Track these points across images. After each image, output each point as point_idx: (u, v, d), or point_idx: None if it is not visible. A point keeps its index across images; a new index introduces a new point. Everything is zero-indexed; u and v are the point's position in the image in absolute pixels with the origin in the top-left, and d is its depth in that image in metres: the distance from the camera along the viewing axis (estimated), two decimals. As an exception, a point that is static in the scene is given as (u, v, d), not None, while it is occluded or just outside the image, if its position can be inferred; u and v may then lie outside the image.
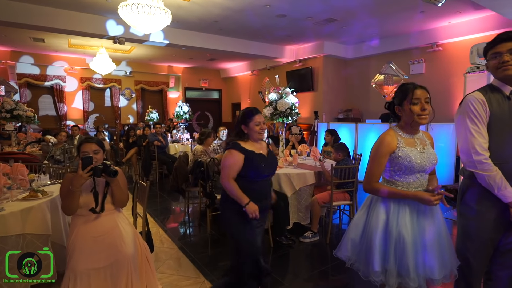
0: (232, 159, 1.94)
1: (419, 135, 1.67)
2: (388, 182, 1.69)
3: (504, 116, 1.61)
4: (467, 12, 5.63)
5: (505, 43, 1.59)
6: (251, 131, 2.01)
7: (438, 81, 6.64)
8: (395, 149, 1.61)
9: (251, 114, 2.01)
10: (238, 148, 1.96)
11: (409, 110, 1.59)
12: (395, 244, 1.57)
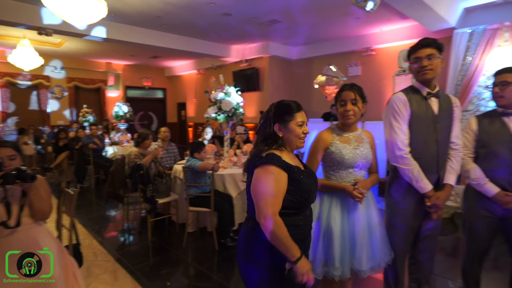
0: (274, 181, 1.25)
1: (356, 133, 1.76)
2: (325, 177, 1.76)
3: (422, 114, 1.76)
4: (395, 21, 6.17)
5: (424, 49, 1.73)
6: (290, 134, 1.35)
7: (372, 82, 7.18)
8: (329, 145, 1.70)
9: (291, 110, 1.36)
10: (278, 163, 1.27)
11: (340, 111, 1.71)
12: (323, 235, 1.64)
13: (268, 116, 1.37)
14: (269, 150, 1.32)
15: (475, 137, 1.92)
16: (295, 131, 1.35)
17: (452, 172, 1.81)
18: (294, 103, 1.39)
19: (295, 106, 1.38)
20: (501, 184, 1.82)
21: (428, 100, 1.78)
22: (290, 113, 1.35)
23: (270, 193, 1.24)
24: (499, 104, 1.86)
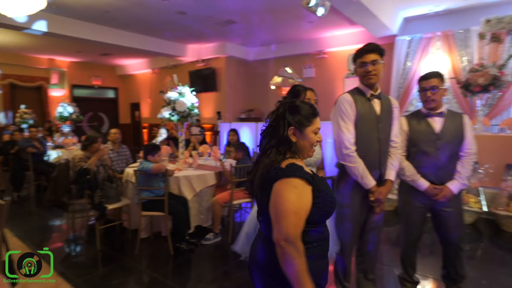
0: (298, 197, 1.08)
1: None
2: None
3: (366, 115, 1.88)
4: (345, 26, 6.52)
5: (369, 54, 1.85)
6: (305, 141, 1.19)
7: (325, 84, 7.50)
8: None
9: (311, 114, 1.21)
10: (302, 175, 1.11)
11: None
12: None
13: (282, 116, 1.18)
14: (286, 159, 1.15)
15: (407, 136, 2.11)
16: (311, 139, 1.20)
17: (392, 169, 1.96)
18: (312, 107, 1.23)
19: (314, 110, 1.22)
20: (429, 179, 2.04)
21: (371, 102, 1.91)
22: (310, 117, 1.20)
23: (293, 211, 1.05)
24: (429, 106, 2.05)
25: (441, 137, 2.03)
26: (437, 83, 2.01)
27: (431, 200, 2.05)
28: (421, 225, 2.17)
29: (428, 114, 2.08)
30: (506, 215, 3.45)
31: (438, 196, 2.01)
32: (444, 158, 2.03)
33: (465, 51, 5.46)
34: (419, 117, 2.11)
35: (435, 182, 2.03)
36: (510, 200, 3.50)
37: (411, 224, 2.16)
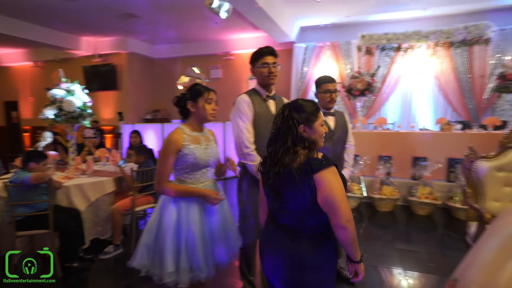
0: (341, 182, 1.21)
1: (204, 132, 1.78)
2: (179, 181, 1.72)
3: (263, 115, 1.99)
4: (249, 30, 6.81)
5: (271, 56, 1.97)
6: (315, 135, 1.28)
7: (232, 85, 7.71)
8: (182, 147, 1.64)
9: (316, 110, 1.30)
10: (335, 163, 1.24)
11: (203, 107, 1.69)
12: (186, 242, 1.61)
13: (290, 117, 1.26)
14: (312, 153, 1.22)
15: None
16: (319, 131, 1.30)
17: None
18: (313, 103, 1.32)
19: (316, 105, 1.32)
20: None
21: (267, 102, 2.03)
22: (315, 113, 1.29)
23: (344, 194, 1.18)
24: (331, 106, 2.34)
25: (335, 133, 2.35)
26: (336, 86, 2.34)
27: None
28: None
29: (325, 113, 2.36)
30: (379, 197, 4.17)
31: None
32: (339, 149, 2.39)
33: (348, 60, 6.37)
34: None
35: None
36: (382, 185, 4.24)
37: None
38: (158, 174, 1.66)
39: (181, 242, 1.61)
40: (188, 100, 1.71)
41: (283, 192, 1.26)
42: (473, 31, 5.45)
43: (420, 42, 5.79)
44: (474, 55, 5.57)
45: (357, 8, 5.74)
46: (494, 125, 4.61)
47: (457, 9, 5.77)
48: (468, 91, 5.68)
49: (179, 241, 1.62)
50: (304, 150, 1.24)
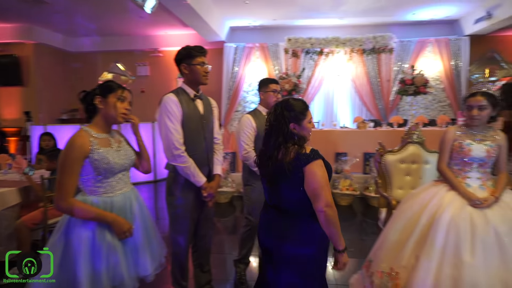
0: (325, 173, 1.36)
1: (112, 133, 1.61)
2: (90, 192, 1.47)
3: (191, 114, 1.94)
4: (178, 27, 6.58)
5: (205, 56, 1.94)
6: (305, 131, 1.44)
7: (161, 83, 7.36)
8: (89, 152, 1.43)
9: (304, 109, 1.44)
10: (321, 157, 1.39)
11: (114, 104, 1.52)
12: (107, 255, 1.44)
13: (281, 115, 1.40)
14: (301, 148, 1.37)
15: (255, 132, 2.35)
16: (308, 128, 1.44)
17: (218, 164, 2.13)
18: (303, 102, 1.46)
19: (305, 104, 1.46)
20: None
21: (195, 102, 1.99)
22: (304, 111, 1.43)
23: (326, 183, 1.34)
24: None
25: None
26: (277, 87, 2.42)
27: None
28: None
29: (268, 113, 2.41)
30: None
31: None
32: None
33: (276, 62, 6.65)
34: (257, 114, 2.41)
35: None
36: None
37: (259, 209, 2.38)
38: (60, 188, 1.38)
39: (101, 255, 1.41)
40: (97, 95, 1.51)
41: (278, 183, 1.42)
42: (380, 41, 6.22)
43: (339, 48, 6.37)
44: (381, 62, 6.37)
45: (283, 13, 6.02)
46: (398, 123, 5.35)
47: (368, 21, 6.53)
48: (378, 93, 6.47)
49: (99, 255, 1.41)
50: (294, 146, 1.38)
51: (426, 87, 4.85)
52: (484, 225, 1.55)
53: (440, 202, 1.72)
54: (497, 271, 1.45)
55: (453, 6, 5.76)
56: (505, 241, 1.50)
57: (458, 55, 6.35)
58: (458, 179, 1.81)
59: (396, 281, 1.68)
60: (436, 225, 1.63)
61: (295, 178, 1.36)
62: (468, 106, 1.80)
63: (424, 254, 1.60)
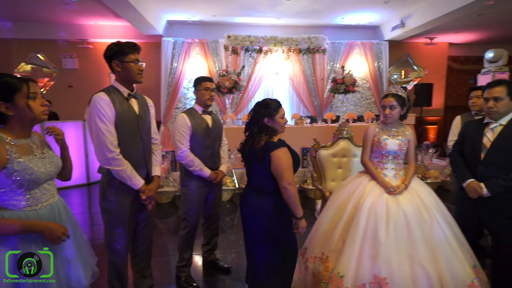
0: (288, 158, 1.72)
1: (33, 138, 1.42)
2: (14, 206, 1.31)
3: (125, 114, 1.84)
4: (110, 17, 6.11)
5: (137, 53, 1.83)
6: (277, 124, 1.78)
7: (92, 77, 6.78)
8: (6, 163, 1.25)
9: (277, 106, 1.79)
10: (287, 145, 1.75)
11: (26, 106, 1.31)
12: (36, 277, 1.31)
13: (258, 112, 1.75)
14: (271, 138, 1.73)
15: (190, 131, 2.33)
16: (280, 122, 1.77)
17: (157, 165, 2.07)
18: (277, 102, 1.80)
19: (278, 103, 1.80)
20: (209, 166, 2.40)
21: (130, 101, 1.90)
22: (277, 108, 1.76)
23: (289, 166, 1.69)
24: (208, 104, 2.41)
25: (213, 131, 2.44)
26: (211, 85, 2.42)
27: (210, 186, 2.44)
28: (202, 210, 2.51)
29: (204, 112, 2.43)
30: (250, 187, 4.59)
31: (218, 179, 2.44)
32: (216, 147, 2.49)
33: (216, 58, 6.62)
34: (193, 113, 2.40)
35: (213, 168, 2.43)
36: (251, 175, 4.68)
37: (196, 210, 2.42)
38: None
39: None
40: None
41: (251, 165, 1.78)
42: (314, 41, 6.63)
43: (277, 46, 6.62)
44: (316, 61, 6.80)
45: (222, 9, 6.02)
46: (331, 119, 5.79)
47: (302, 22, 6.90)
48: (314, 91, 6.90)
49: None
50: (266, 136, 1.72)
51: (354, 86, 5.34)
52: (396, 209, 1.81)
53: (363, 191, 1.96)
54: (405, 248, 1.71)
55: (375, 14, 6.41)
56: (411, 221, 1.78)
57: (380, 57, 7.10)
58: (378, 170, 2.07)
59: (326, 264, 1.86)
60: (359, 211, 1.85)
61: (264, 162, 1.68)
62: (382, 106, 2.08)
63: (349, 237, 1.81)
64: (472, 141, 2.03)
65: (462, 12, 5.22)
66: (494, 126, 1.97)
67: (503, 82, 1.95)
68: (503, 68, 5.18)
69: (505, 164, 1.89)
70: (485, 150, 1.95)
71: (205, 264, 2.73)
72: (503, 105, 1.91)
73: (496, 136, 1.94)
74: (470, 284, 1.73)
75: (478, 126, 2.05)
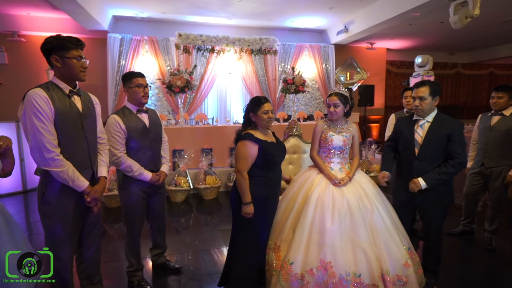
0: (247, 151, 1.91)
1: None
2: None
3: (67, 112, 1.72)
4: (45, 8, 5.60)
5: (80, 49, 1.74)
6: (259, 119, 1.99)
7: (25, 74, 6.16)
8: None
9: (259, 103, 1.98)
10: (252, 139, 1.93)
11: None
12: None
13: (247, 107, 2.02)
14: (246, 130, 1.98)
15: (125, 134, 2.21)
16: (261, 117, 1.97)
17: (104, 165, 1.97)
18: (263, 98, 2.02)
19: (263, 100, 1.99)
20: (149, 168, 2.29)
21: (72, 98, 1.78)
22: (260, 104, 1.96)
23: (243, 157, 1.90)
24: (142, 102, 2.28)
25: (151, 131, 2.31)
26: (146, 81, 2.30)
27: (151, 188, 2.33)
28: (144, 213, 2.39)
29: (138, 111, 2.29)
30: (204, 187, 4.55)
31: (160, 181, 2.33)
32: (156, 147, 2.36)
33: (167, 57, 6.44)
34: (130, 114, 2.26)
35: (154, 170, 2.32)
36: (206, 175, 4.64)
37: (138, 214, 2.31)
38: None
39: None
40: None
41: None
42: (266, 43, 6.80)
43: (229, 46, 6.65)
44: (267, 62, 6.97)
45: (172, 7, 5.87)
46: (283, 118, 5.99)
47: (254, 23, 7.02)
48: (266, 91, 7.06)
49: None
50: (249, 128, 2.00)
51: (304, 86, 5.58)
52: (341, 199, 1.96)
53: (312, 183, 2.08)
54: (348, 233, 1.87)
55: (322, 18, 6.77)
56: (354, 209, 1.94)
57: (327, 60, 7.52)
58: (325, 164, 2.21)
59: (278, 253, 1.95)
60: (308, 202, 1.98)
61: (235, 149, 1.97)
62: (328, 104, 2.22)
63: (299, 226, 1.92)
64: (407, 137, 2.21)
65: (396, 21, 5.78)
66: (422, 123, 2.19)
67: (427, 83, 2.18)
68: (429, 72, 5.85)
69: (435, 158, 2.10)
70: (418, 146, 2.15)
71: (155, 267, 2.65)
72: (427, 104, 2.13)
73: (426, 133, 2.15)
74: (405, 263, 1.94)
75: (409, 122, 2.26)
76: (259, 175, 1.95)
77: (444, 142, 2.07)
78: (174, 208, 4.29)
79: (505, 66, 10.72)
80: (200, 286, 2.46)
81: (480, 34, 7.55)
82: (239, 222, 1.99)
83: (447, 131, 2.07)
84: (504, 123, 2.87)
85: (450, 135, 2.05)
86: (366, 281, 1.79)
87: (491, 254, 2.91)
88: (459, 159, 2.04)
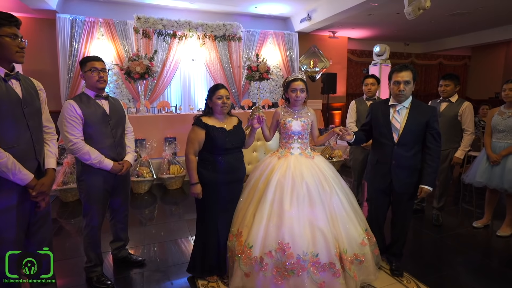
0: (194, 135, 2.05)
1: None
2: None
3: (4, 98, 1.56)
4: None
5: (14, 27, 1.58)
6: (214, 105, 2.09)
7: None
8: None
9: (215, 89, 2.10)
10: (199, 124, 2.06)
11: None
12: None
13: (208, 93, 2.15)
14: (200, 116, 2.12)
15: (82, 120, 2.06)
16: (216, 102, 2.08)
17: (51, 156, 1.82)
18: (219, 84, 2.14)
19: (219, 86, 2.12)
20: (111, 157, 2.17)
21: (8, 82, 1.61)
22: (214, 90, 2.09)
23: (190, 141, 2.08)
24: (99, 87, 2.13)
25: (112, 117, 2.19)
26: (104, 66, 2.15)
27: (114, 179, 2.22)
28: (106, 205, 2.27)
29: (97, 97, 2.15)
30: (168, 177, 4.44)
31: (123, 170, 2.21)
32: (118, 135, 2.23)
33: (126, 42, 6.09)
34: (88, 101, 2.11)
35: (117, 159, 2.20)
36: (170, 165, 4.53)
37: (98, 205, 2.19)
38: None
39: None
40: None
41: None
42: (229, 29, 6.67)
43: (191, 32, 6.43)
44: (232, 49, 6.86)
45: (129, -13, 5.52)
46: (248, 106, 5.97)
47: (217, 8, 6.83)
48: (231, 78, 6.98)
49: None
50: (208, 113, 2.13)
51: (268, 74, 5.59)
52: (300, 182, 2.01)
53: (272, 168, 2.11)
54: (307, 215, 1.93)
55: (285, 5, 6.77)
56: (313, 191, 1.99)
57: (291, 47, 7.57)
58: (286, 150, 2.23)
59: (240, 238, 1.97)
60: (268, 186, 2.01)
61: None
62: (293, 89, 2.21)
63: (258, 210, 1.95)
64: (383, 123, 2.17)
65: (356, 10, 5.93)
66: (399, 108, 2.16)
67: (409, 67, 2.09)
68: (386, 61, 6.11)
69: (414, 143, 2.12)
70: (397, 132, 2.11)
71: (117, 261, 2.56)
72: (410, 88, 2.11)
73: (406, 119, 2.10)
74: (361, 242, 2.05)
75: (384, 107, 2.20)
76: (208, 160, 2.09)
77: (423, 128, 2.09)
78: (137, 200, 4.15)
79: (452, 57, 11.56)
80: (166, 277, 2.41)
81: (431, 26, 8.02)
82: (196, 207, 2.17)
83: (426, 118, 2.08)
84: (451, 109, 3.10)
85: (429, 121, 2.08)
86: (324, 260, 1.86)
87: (438, 229, 3.18)
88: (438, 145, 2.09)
